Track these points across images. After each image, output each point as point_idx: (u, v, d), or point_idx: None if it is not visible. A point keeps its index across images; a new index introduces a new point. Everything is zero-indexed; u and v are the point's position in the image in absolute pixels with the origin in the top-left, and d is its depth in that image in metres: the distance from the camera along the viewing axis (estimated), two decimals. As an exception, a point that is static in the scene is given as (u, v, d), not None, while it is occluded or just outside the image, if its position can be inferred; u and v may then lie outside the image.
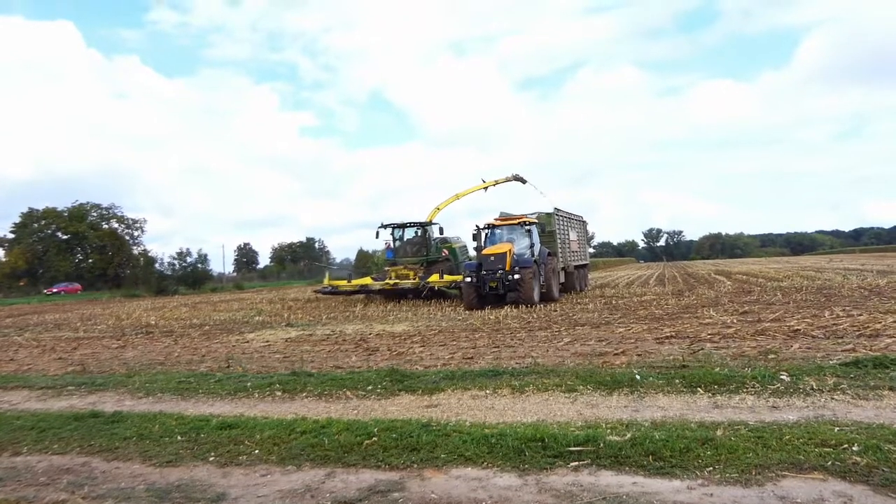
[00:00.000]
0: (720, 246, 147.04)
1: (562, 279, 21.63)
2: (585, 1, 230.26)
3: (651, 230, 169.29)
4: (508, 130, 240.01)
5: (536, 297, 18.15)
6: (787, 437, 4.11)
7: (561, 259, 21.54)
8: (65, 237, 61.23)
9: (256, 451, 4.58)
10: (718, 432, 4.30)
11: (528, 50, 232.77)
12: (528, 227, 19.48)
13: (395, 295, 23.17)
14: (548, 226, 21.63)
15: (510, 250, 18.23)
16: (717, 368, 6.36)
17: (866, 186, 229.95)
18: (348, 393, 6.43)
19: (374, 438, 4.58)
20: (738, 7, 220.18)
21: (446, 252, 25.01)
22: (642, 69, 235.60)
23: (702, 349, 8.11)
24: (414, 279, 22.79)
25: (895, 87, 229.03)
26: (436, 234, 25.52)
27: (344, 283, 24.51)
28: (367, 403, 6.02)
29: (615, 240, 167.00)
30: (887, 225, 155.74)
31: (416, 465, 4.10)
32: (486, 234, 19.90)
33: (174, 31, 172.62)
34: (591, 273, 30.34)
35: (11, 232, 60.88)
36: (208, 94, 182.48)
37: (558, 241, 21.67)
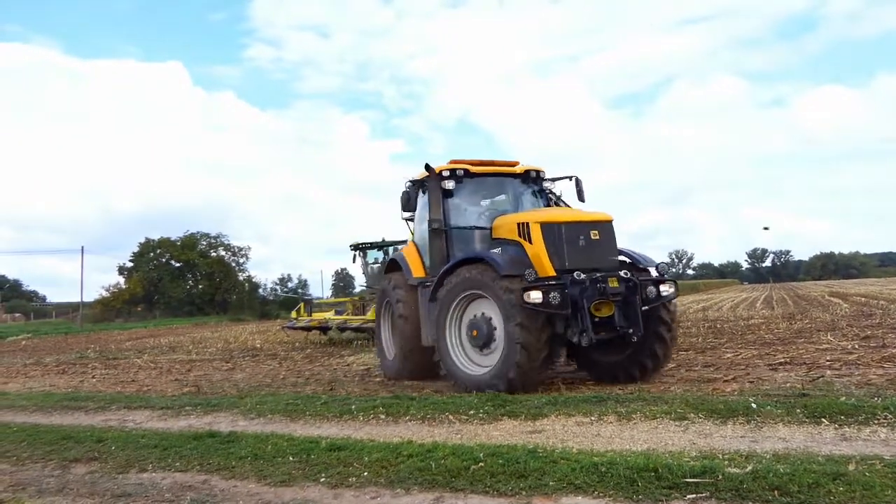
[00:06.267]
0: (833, 266, 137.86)
1: None
2: (675, 13, 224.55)
3: (755, 250, 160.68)
4: (601, 149, 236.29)
5: None
6: (931, 474, 3.77)
7: None
8: (177, 265, 65.09)
9: (365, 474, 4.65)
10: (850, 467, 3.99)
11: (618, 66, 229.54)
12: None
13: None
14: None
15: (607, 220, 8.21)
16: (843, 398, 5.93)
17: None
18: (451, 417, 6.44)
19: (481, 464, 4.56)
20: (842, 11, 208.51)
21: None
22: (742, 79, 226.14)
23: (822, 377, 7.61)
24: (349, 314, 18.73)
25: None
26: None
27: (304, 316, 20.30)
28: (471, 428, 6.01)
29: (716, 261, 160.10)
30: None
31: (524, 493, 4.04)
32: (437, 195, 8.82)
33: (269, 66, 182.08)
34: (690, 296, 27.34)
35: (130, 261, 65.33)
36: (301, 125, 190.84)
37: None
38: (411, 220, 10.37)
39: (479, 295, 7.91)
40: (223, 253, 67.82)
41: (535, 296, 7.20)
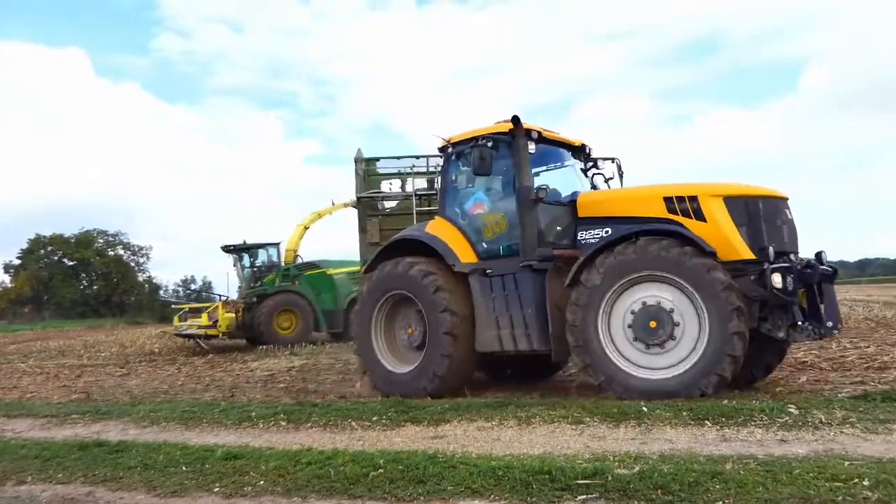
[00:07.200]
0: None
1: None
2: (589, 31, 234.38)
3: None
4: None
5: None
6: (797, 471, 4.07)
7: None
8: (71, 264, 61.41)
9: (262, 483, 4.55)
10: (727, 466, 4.26)
11: (533, 79, 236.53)
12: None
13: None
14: None
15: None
16: (725, 401, 6.31)
17: (873, 216, 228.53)
18: (353, 423, 6.40)
19: (381, 470, 4.55)
20: (739, 38, 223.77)
21: (297, 282, 19.39)
22: (650, 98, 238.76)
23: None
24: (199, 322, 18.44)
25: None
26: (295, 260, 20.48)
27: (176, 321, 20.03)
28: (373, 434, 5.99)
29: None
30: (894, 255, 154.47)
31: (422, 498, 4.07)
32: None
33: (178, 58, 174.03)
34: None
35: (18, 258, 61.12)
36: (211, 121, 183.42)
37: None
38: (374, 196, 9.72)
39: (652, 278, 6.61)
40: (122, 252, 64.47)
41: (778, 280, 6.13)
